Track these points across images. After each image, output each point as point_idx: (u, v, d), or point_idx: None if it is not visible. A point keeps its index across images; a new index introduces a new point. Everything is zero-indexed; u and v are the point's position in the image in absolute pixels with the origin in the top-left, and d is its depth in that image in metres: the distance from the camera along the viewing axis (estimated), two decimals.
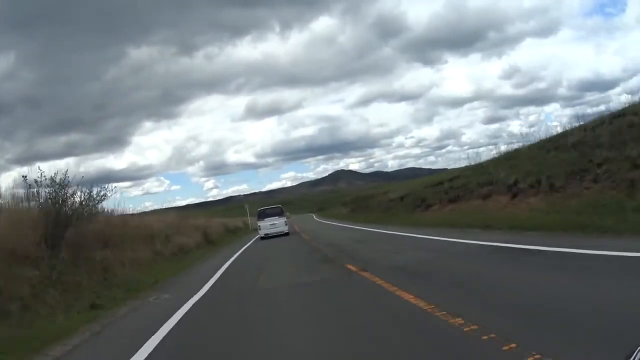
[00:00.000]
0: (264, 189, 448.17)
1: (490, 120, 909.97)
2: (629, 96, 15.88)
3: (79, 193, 9.45)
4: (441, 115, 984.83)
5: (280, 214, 23.18)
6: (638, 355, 1.17)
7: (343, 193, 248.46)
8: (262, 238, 21.83)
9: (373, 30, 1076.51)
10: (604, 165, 10.34)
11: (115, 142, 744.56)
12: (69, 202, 9.05)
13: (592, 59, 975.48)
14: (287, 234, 22.36)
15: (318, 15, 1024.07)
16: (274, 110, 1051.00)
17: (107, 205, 11.91)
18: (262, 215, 23.05)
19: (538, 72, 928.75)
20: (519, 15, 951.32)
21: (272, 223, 22.48)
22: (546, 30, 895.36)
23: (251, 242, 21.53)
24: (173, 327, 5.22)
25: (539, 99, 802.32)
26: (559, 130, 16.31)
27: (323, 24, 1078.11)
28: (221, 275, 9.92)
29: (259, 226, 22.56)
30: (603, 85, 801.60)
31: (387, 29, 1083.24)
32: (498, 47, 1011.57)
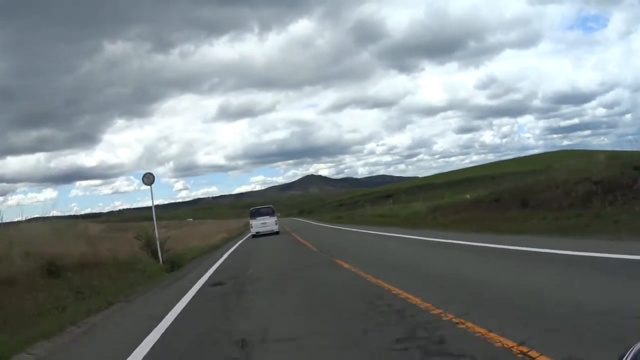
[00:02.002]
0: (234, 192, 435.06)
1: (463, 130, 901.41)
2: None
3: None
4: (414, 124, 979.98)
5: (271, 213, 23.56)
6: (631, 354, 1.12)
7: (314, 197, 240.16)
8: (253, 236, 22.36)
9: (351, 35, 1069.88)
10: None
11: (87, 138, 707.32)
12: None
13: (569, 72, 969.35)
14: (277, 232, 22.61)
15: (298, 17, 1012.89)
16: (246, 112, 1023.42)
17: None
18: (255, 214, 23.51)
19: (514, 84, 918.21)
20: (499, 26, 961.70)
21: (263, 222, 22.73)
22: (526, 42, 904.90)
23: None
24: None
25: (514, 110, 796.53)
26: None
27: (302, 26, 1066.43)
28: None
29: (251, 224, 23.07)
30: (579, 98, 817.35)
31: (366, 34, 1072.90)
32: (476, 56, 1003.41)
